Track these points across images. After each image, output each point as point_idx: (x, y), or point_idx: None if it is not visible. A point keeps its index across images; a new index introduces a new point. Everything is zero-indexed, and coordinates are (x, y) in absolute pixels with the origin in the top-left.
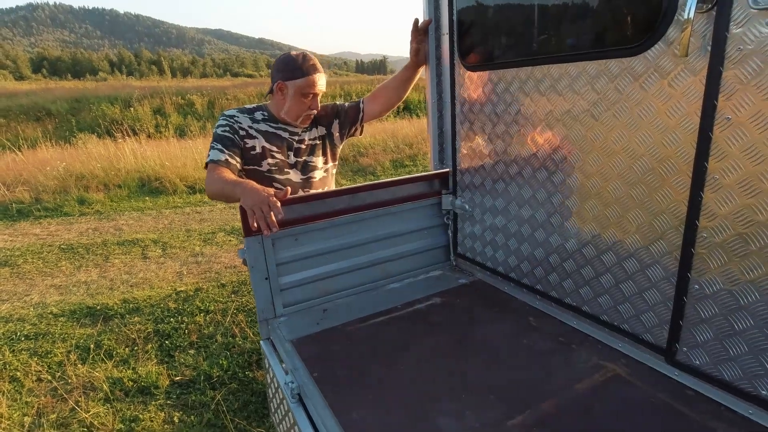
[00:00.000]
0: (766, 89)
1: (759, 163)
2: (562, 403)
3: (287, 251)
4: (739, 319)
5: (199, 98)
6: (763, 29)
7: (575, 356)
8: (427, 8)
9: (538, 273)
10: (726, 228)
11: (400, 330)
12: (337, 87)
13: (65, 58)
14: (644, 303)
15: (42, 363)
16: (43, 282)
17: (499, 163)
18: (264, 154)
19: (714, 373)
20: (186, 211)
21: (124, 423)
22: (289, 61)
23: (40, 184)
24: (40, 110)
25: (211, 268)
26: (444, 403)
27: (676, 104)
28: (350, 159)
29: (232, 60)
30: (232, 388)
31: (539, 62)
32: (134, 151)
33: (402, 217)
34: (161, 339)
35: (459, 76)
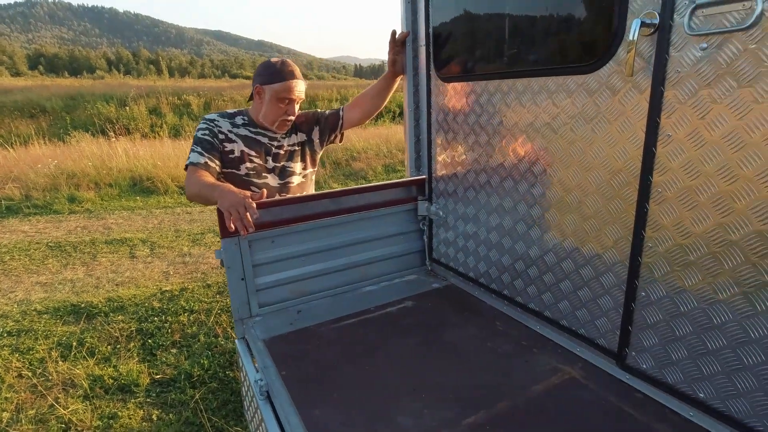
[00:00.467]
0: (700, 109)
1: (695, 178)
2: (517, 403)
3: (263, 253)
4: (680, 325)
5: (195, 99)
6: (696, 53)
7: (535, 359)
8: (405, 21)
9: (505, 279)
10: (668, 238)
11: (370, 331)
12: (334, 91)
13: (63, 56)
14: (599, 309)
15: (23, 359)
16: (29, 279)
17: (470, 171)
18: (242, 158)
19: (659, 376)
20: (176, 211)
21: (102, 420)
22: (268, 66)
23: (30, 181)
24: (34, 107)
25: (197, 269)
26: (404, 402)
27: (625, 120)
28: (342, 163)
29: (230, 61)
30: (212, 388)
31: (505, 76)
32: (127, 151)
33: (379, 221)
34: (144, 338)
35: (434, 87)
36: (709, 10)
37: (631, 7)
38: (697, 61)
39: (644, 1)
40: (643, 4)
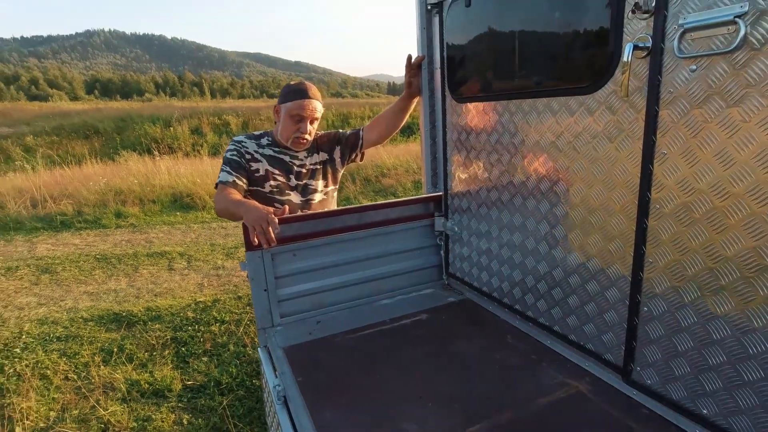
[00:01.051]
0: (692, 128)
1: (690, 195)
2: (521, 415)
3: (285, 266)
4: (682, 341)
5: (234, 118)
6: (687, 75)
7: (543, 373)
8: (421, 45)
9: (516, 293)
10: (667, 254)
11: (384, 342)
12: (367, 108)
13: (116, 80)
14: (605, 324)
15: (70, 363)
16: (78, 289)
17: (484, 188)
18: (267, 176)
19: (663, 392)
20: (213, 226)
21: (138, 422)
22: (286, 87)
23: (82, 197)
24: (89, 129)
25: (230, 281)
26: (410, 409)
27: (624, 139)
28: (372, 179)
29: (268, 82)
30: (239, 395)
31: (513, 97)
32: (169, 169)
33: (396, 236)
34: (178, 346)
35: (449, 107)
36: (697, 33)
37: (626, 32)
38: (687, 82)
39: (637, 26)
40: (637, 28)
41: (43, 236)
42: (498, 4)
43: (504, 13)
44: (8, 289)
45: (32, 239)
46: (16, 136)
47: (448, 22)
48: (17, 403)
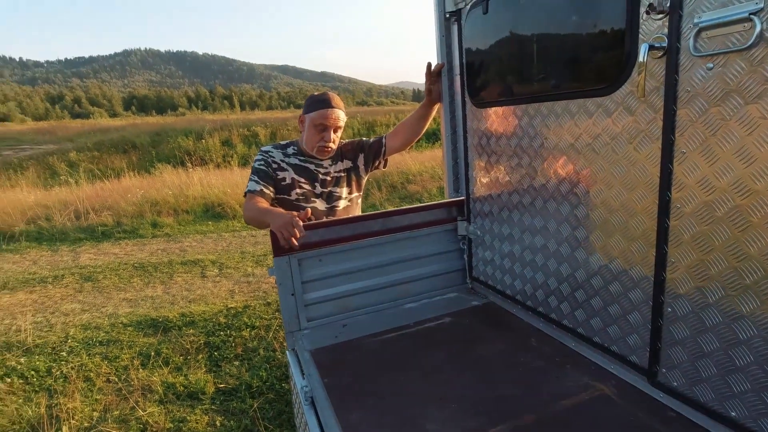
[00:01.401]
0: (711, 126)
1: (711, 194)
2: (544, 417)
3: (312, 270)
4: (707, 341)
5: (262, 129)
6: (704, 73)
7: (567, 375)
8: (440, 53)
9: (540, 296)
10: (689, 254)
11: (408, 345)
12: (392, 116)
13: (151, 96)
14: (629, 325)
15: (110, 366)
16: (118, 295)
17: (505, 191)
18: (293, 184)
19: (690, 394)
20: (243, 234)
21: (174, 423)
22: (310, 98)
23: (121, 209)
24: (127, 143)
25: (260, 288)
26: (433, 411)
27: (643, 139)
28: (398, 186)
29: (295, 93)
30: (269, 398)
31: (531, 101)
32: (201, 180)
33: (420, 241)
34: (211, 350)
35: (469, 113)
36: (712, 32)
37: (641, 32)
38: (705, 81)
39: (652, 26)
40: (652, 29)
41: (86, 246)
42: (515, 11)
43: (521, 18)
44: (55, 296)
45: (76, 249)
46: (60, 152)
47: (466, 29)
48: (64, 403)
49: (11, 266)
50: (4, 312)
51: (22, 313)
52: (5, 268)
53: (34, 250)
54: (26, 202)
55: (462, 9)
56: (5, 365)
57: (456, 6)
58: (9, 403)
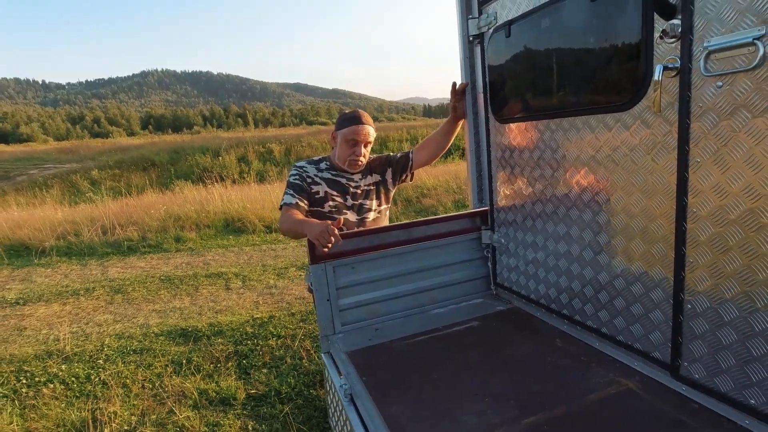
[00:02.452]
0: (722, 137)
1: (723, 198)
2: (573, 409)
3: (345, 278)
4: (726, 335)
5: (277, 146)
6: (714, 90)
7: (593, 372)
8: (464, 72)
9: (563, 299)
10: (706, 254)
11: (439, 347)
12: (404, 131)
13: (167, 116)
14: (651, 323)
15: (145, 373)
16: (147, 307)
17: (528, 201)
18: (326, 197)
19: (711, 385)
20: (263, 248)
21: (209, 427)
22: (341, 116)
23: (145, 224)
24: (146, 161)
25: (283, 299)
26: (468, 404)
27: (660, 150)
28: (413, 200)
29: (308, 110)
30: (299, 403)
31: (552, 116)
32: (221, 195)
33: (446, 250)
34: (240, 358)
35: (493, 128)
36: (720, 54)
37: (656, 54)
38: (715, 97)
39: (666, 49)
40: (666, 51)
41: (113, 260)
42: (537, 34)
43: (543, 41)
44: (87, 307)
45: (104, 263)
46: (83, 171)
47: (489, 51)
48: (105, 407)
49: (44, 279)
50: (42, 322)
51: (58, 323)
52: (38, 281)
53: (64, 264)
54: (55, 219)
55: (485, 33)
56: (47, 372)
57: (479, 30)
58: (53, 407)
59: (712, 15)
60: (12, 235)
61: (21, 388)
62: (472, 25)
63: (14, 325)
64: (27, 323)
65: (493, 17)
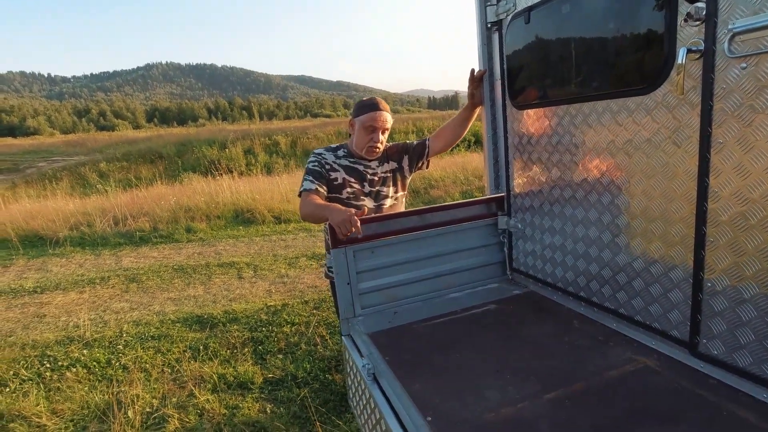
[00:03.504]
0: (745, 119)
1: (746, 178)
2: (593, 384)
3: (365, 262)
4: (745, 311)
5: (283, 138)
6: (738, 72)
7: (610, 351)
8: (482, 59)
9: (581, 281)
10: (727, 232)
11: (458, 328)
12: (409, 123)
13: (173, 108)
14: (669, 302)
15: (164, 359)
16: (162, 295)
17: (545, 186)
18: (344, 184)
19: (730, 361)
20: (273, 238)
21: (228, 409)
22: (359, 103)
23: (156, 215)
24: (153, 154)
25: (295, 288)
26: (490, 380)
27: (682, 131)
28: (421, 191)
29: (312, 102)
30: (315, 388)
31: (572, 101)
32: (230, 187)
33: (462, 235)
34: (255, 344)
35: (510, 114)
36: (745, 36)
37: (679, 38)
38: (739, 79)
39: (690, 32)
40: (689, 34)
41: (126, 250)
42: (557, 20)
43: (563, 27)
44: (104, 295)
45: (117, 253)
46: (91, 163)
47: (508, 37)
48: (126, 391)
49: (60, 269)
50: (60, 310)
51: (76, 310)
52: (54, 270)
53: (78, 254)
54: (67, 210)
55: (503, 20)
56: (70, 356)
57: (497, 17)
58: (77, 390)
59: None
60: (26, 225)
61: (45, 372)
62: (491, 12)
63: (34, 313)
64: (46, 310)
65: (512, 4)
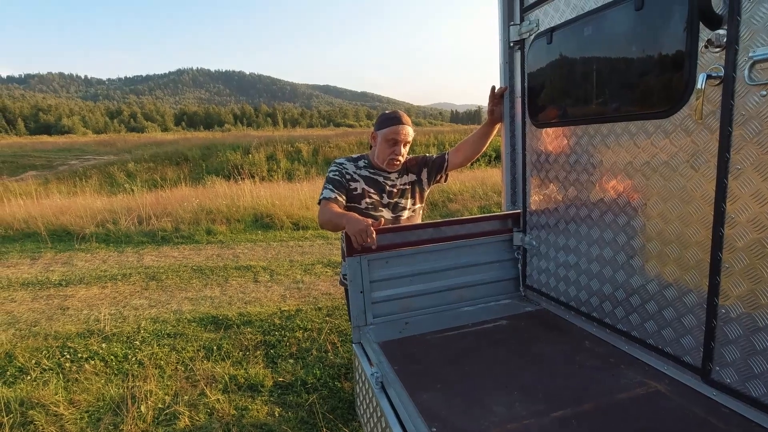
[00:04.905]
0: (763, 146)
1: (763, 205)
2: (602, 406)
3: (379, 271)
4: (760, 339)
5: (305, 146)
6: (757, 99)
7: (621, 374)
8: (503, 77)
9: (594, 302)
10: (743, 259)
11: (468, 342)
12: (431, 136)
13: (200, 113)
14: (683, 327)
15: (178, 357)
16: (180, 294)
17: (561, 205)
18: (363, 194)
19: (743, 389)
20: (290, 244)
21: (238, 410)
22: (382, 116)
23: (179, 216)
24: (179, 156)
25: (309, 294)
26: (498, 395)
27: (699, 156)
28: (440, 204)
29: (335, 111)
30: (324, 394)
31: (591, 122)
32: (251, 192)
33: (477, 249)
34: (267, 348)
35: (529, 132)
36: (765, 64)
37: (699, 63)
38: (758, 106)
39: (710, 58)
40: (709, 60)
41: (148, 249)
42: (579, 41)
43: (585, 48)
44: (125, 292)
45: (140, 251)
46: (120, 163)
47: (529, 56)
48: (140, 386)
49: (84, 264)
50: (83, 303)
51: (98, 305)
52: (79, 265)
53: (102, 250)
54: (95, 207)
55: (525, 39)
56: (89, 349)
57: (520, 36)
58: (94, 383)
59: (758, 25)
60: (55, 220)
61: (65, 362)
62: (514, 31)
63: (58, 305)
64: (69, 303)
65: (535, 24)
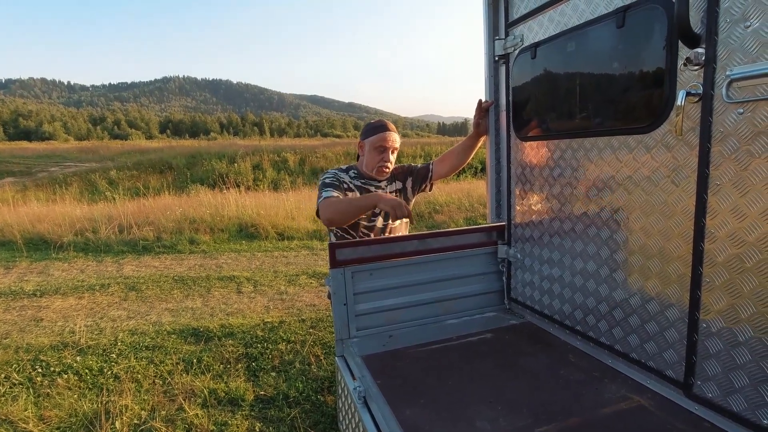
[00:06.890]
0: (742, 162)
1: (742, 220)
2: (586, 421)
3: (363, 283)
4: (740, 354)
5: (292, 156)
6: (735, 117)
7: (605, 388)
8: (489, 91)
9: (577, 315)
10: (722, 273)
11: (453, 356)
12: (418, 147)
13: (186, 121)
14: (665, 341)
15: (156, 370)
16: (160, 305)
17: (546, 218)
18: None
19: (724, 404)
20: (275, 254)
21: (217, 426)
22: (368, 126)
23: (161, 225)
24: (163, 164)
25: (293, 305)
26: (482, 410)
27: (680, 172)
28: (426, 216)
29: (323, 122)
30: (306, 408)
31: (575, 136)
32: (236, 201)
33: (462, 262)
34: (249, 360)
35: (513, 145)
36: (742, 83)
37: (679, 81)
38: (736, 123)
39: (689, 76)
40: (689, 78)
41: (128, 258)
42: (563, 57)
43: (568, 64)
44: (102, 303)
45: (119, 261)
46: (102, 170)
47: (514, 71)
48: (116, 401)
49: (61, 273)
50: (58, 314)
51: (74, 316)
52: (56, 275)
53: (81, 259)
54: (74, 215)
55: (510, 54)
56: (62, 362)
57: (505, 51)
58: (66, 398)
59: (735, 45)
60: (32, 228)
61: (36, 376)
62: (499, 45)
63: (31, 316)
64: (44, 314)
65: (520, 39)
